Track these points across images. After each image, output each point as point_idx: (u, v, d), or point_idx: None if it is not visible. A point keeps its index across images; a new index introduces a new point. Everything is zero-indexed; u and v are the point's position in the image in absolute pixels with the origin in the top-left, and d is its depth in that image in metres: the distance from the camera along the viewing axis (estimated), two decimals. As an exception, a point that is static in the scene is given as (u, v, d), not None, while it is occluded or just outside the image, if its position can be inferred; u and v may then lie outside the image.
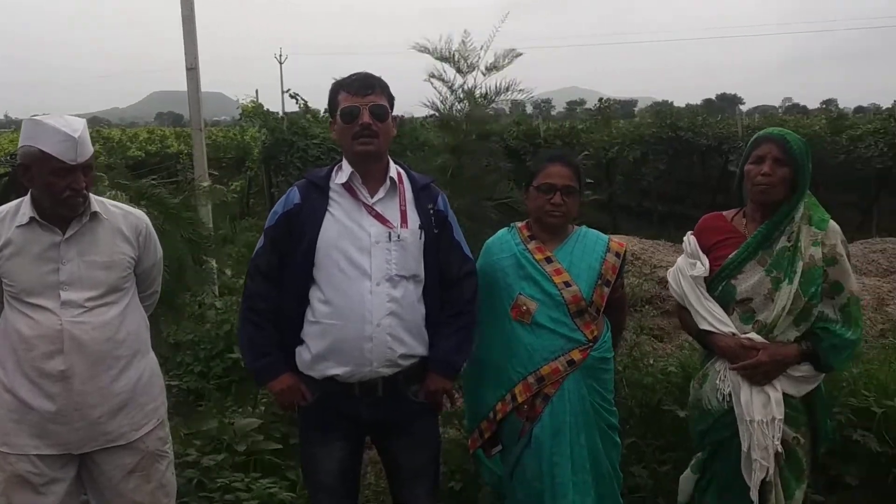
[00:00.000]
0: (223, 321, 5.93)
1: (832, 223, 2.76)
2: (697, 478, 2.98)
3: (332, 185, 2.74)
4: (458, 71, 4.66)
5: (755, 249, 2.76)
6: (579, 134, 17.94)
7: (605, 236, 2.99)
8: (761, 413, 2.65)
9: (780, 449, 2.64)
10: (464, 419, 3.39)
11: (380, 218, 2.69)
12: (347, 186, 2.72)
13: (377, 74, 2.78)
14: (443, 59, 4.60)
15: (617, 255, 2.90)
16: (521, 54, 4.81)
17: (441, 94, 4.69)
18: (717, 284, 2.81)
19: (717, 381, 2.78)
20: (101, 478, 2.68)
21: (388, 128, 2.72)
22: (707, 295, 2.81)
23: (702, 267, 2.82)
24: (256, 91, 14.69)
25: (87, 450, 2.62)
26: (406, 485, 2.84)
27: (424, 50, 4.64)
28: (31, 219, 2.56)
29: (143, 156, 20.56)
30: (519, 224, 3.04)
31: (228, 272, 8.47)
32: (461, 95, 4.64)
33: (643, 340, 5.67)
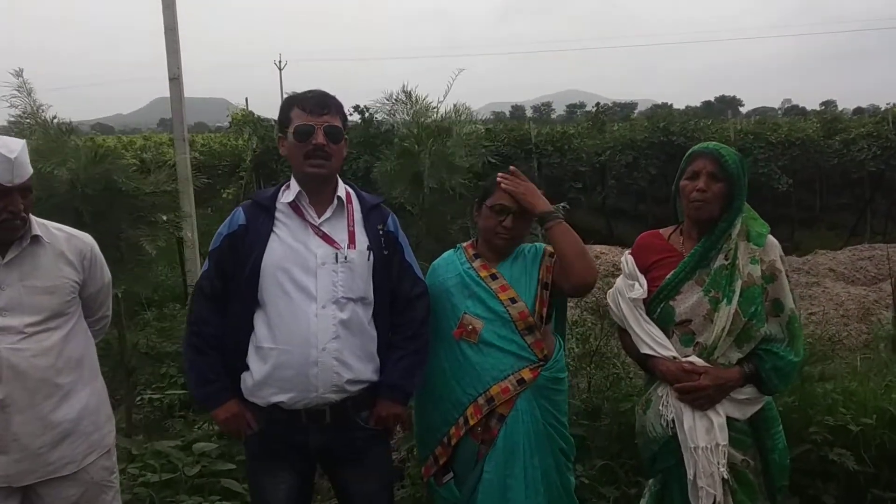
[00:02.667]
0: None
1: (770, 238, 2.69)
2: None
3: (278, 204, 2.67)
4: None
5: (692, 269, 2.69)
6: (571, 139, 17.89)
7: (542, 244, 2.91)
8: (705, 439, 2.58)
9: (726, 475, 2.57)
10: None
11: (327, 238, 2.62)
12: (294, 206, 2.66)
13: (332, 93, 2.72)
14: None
15: (551, 255, 2.82)
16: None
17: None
18: (656, 306, 2.74)
19: (660, 407, 2.72)
20: None
21: (340, 150, 2.66)
22: (646, 317, 2.74)
23: (640, 288, 2.75)
24: (246, 99, 14.68)
25: (29, 482, 2.54)
26: None
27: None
28: None
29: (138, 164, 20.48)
30: (465, 244, 2.98)
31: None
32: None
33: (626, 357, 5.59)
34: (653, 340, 2.70)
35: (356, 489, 2.74)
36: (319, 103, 2.62)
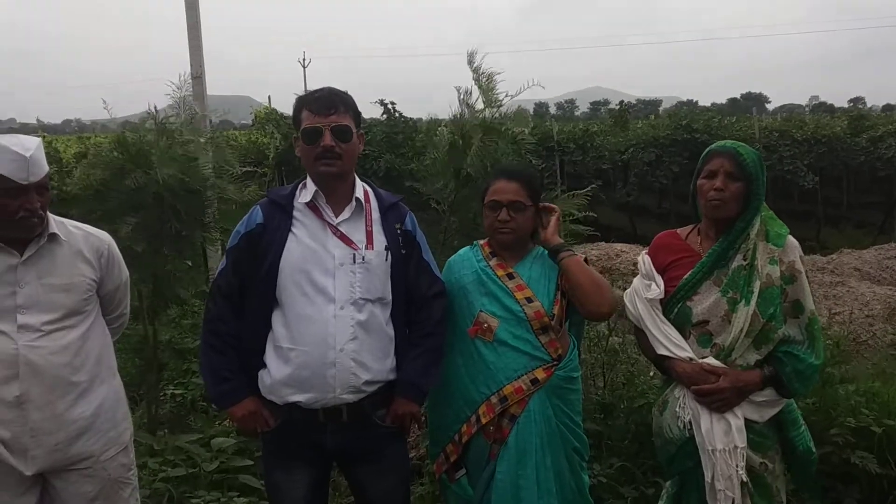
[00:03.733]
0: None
1: (790, 238, 2.65)
2: None
3: (296, 203, 2.67)
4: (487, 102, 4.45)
5: (710, 269, 2.66)
6: (594, 136, 17.83)
7: None
8: (723, 442, 2.55)
9: (745, 478, 2.54)
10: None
11: (344, 239, 2.62)
12: (312, 206, 2.65)
13: (342, 89, 2.71)
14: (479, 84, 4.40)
15: None
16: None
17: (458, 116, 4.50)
18: (673, 306, 2.71)
19: (677, 409, 2.69)
20: None
21: (352, 147, 2.65)
22: (663, 318, 2.71)
23: (656, 289, 2.72)
24: (269, 97, 14.74)
25: (46, 471, 2.56)
26: None
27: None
28: None
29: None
30: (481, 241, 2.97)
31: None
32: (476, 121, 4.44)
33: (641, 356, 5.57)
34: (669, 341, 2.67)
35: (373, 487, 2.74)
36: (326, 103, 2.60)
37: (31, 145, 2.46)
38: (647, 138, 16.97)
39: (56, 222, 2.64)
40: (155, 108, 4.49)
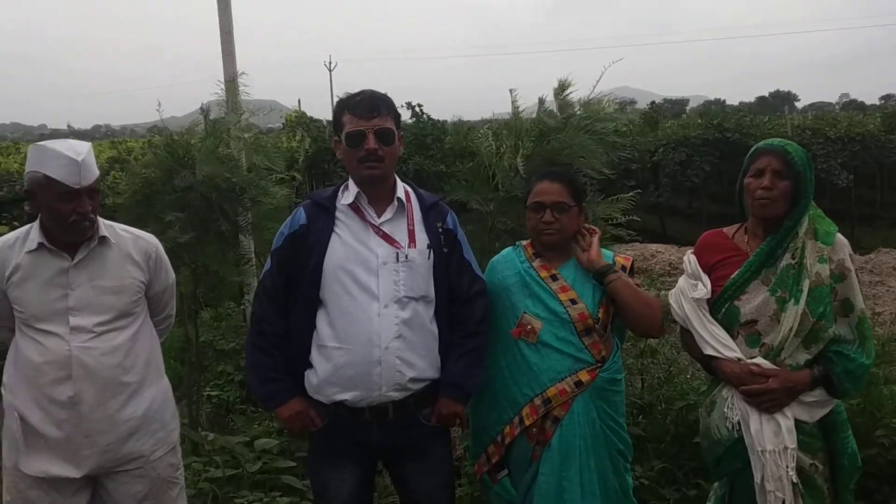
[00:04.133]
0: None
1: (839, 236, 2.62)
2: None
3: (338, 205, 2.70)
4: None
5: (758, 268, 2.63)
6: (623, 136, 17.72)
7: (611, 252, 2.91)
8: (773, 442, 2.52)
9: (795, 479, 2.51)
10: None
11: (387, 238, 2.64)
12: (354, 207, 2.68)
13: (382, 92, 2.72)
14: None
15: (623, 268, 2.82)
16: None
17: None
18: (721, 306, 2.68)
19: (725, 409, 2.66)
20: None
21: (394, 150, 2.67)
22: (710, 318, 2.69)
23: (703, 288, 2.70)
24: (299, 101, 14.85)
25: (97, 473, 2.62)
26: None
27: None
28: (40, 244, 2.57)
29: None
30: (524, 242, 2.97)
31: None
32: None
33: (683, 356, 5.53)
34: (717, 341, 2.65)
35: (418, 485, 2.75)
36: (369, 106, 2.62)
37: (82, 150, 2.52)
38: (678, 138, 16.85)
39: (105, 225, 2.69)
40: (208, 108, 4.56)
